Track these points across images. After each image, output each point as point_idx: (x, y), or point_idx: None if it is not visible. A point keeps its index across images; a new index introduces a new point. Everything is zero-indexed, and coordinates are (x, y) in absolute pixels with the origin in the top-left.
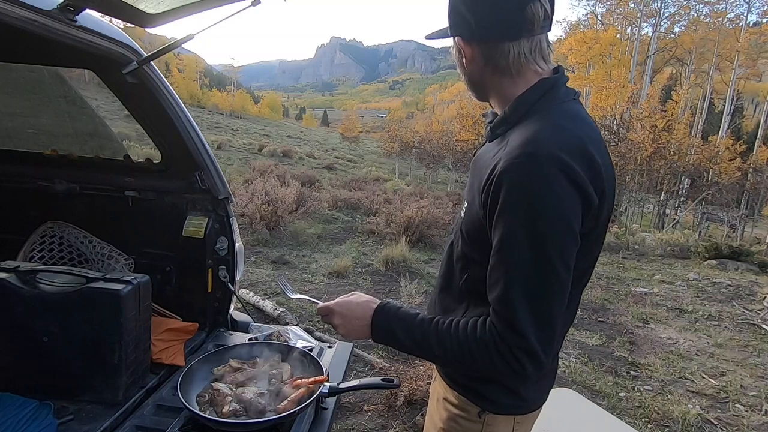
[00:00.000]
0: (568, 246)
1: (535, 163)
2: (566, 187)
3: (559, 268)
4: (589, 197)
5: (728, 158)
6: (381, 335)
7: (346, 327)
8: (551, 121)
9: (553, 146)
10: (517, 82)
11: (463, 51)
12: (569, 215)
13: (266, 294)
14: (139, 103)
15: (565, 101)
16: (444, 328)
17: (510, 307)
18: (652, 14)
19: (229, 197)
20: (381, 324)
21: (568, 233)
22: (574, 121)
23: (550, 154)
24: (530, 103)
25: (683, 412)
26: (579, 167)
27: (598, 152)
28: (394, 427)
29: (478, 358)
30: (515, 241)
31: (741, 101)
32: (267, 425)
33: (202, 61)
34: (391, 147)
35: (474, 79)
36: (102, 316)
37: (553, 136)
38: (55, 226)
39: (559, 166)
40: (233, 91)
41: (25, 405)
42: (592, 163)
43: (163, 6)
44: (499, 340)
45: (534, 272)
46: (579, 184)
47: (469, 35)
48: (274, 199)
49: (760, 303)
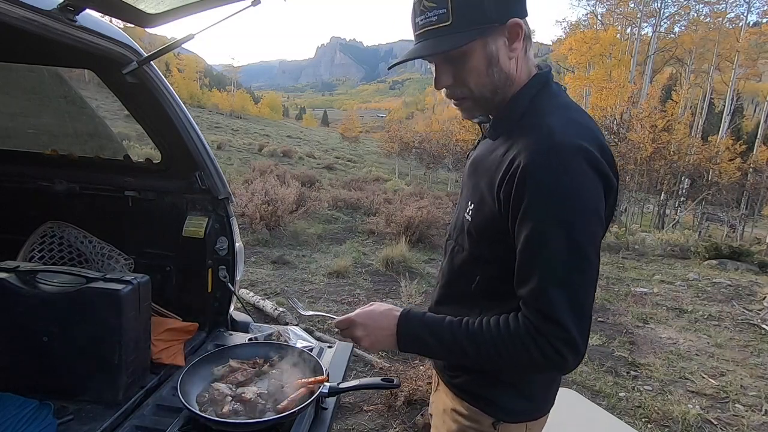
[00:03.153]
0: (597, 232)
1: (560, 153)
2: (591, 175)
3: (591, 255)
4: (610, 182)
5: (728, 158)
6: (408, 343)
7: (371, 338)
8: (559, 113)
9: (573, 136)
10: (530, 68)
11: (520, 36)
12: (597, 201)
13: (266, 294)
14: (139, 103)
15: (559, 95)
16: (476, 327)
17: (546, 298)
18: (652, 14)
19: (229, 197)
20: (407, 331)
21: (596, 219)
22: (578, 112)
23: (572, 144)
24: (528, 98)
25: (683, 412)
26: (599, 154)
27: (603, 137)
28: (394, 427)
29: (515, 353)
30: (547, 232)
31: (741, 101)
32: (267, 425)
33: (202, 61)
34: (391, 147)
35: (510, 75)
36: (102, 316)
37: (568, 126)
38: (55, 226)
39: (582, 154)
40: (233, 91)
41: (25, 405)
42: (606, 149)
43: (163, 6)
44: (536, 332)
45: (568, 261)
46: (601, 171)
47: (523, 12)
48: (274, 199)
49: (760, 303)
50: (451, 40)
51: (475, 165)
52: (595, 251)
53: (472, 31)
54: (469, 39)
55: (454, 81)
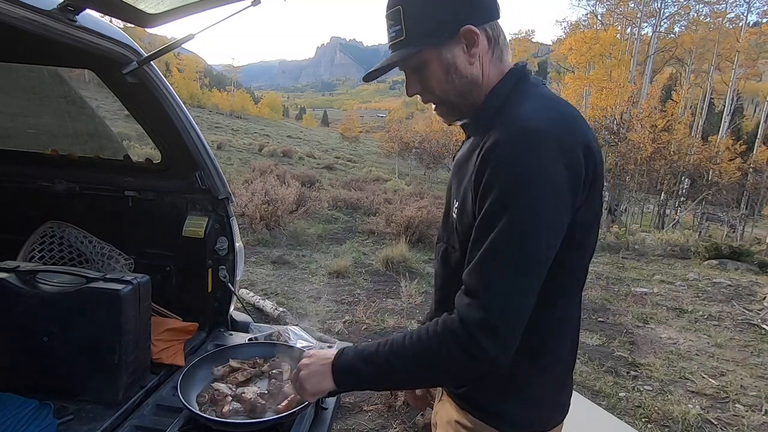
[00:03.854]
0: (555, 218)
1: (527, 135)
2: (559, 161)
3: (543, 239)
4: (580, 171)
5: (728, 158)
6: (343, 376)
7: (308, 373)
8: (534, 100)
9: (543, 120)
10: (501, 69)
11: (477, 42)
12: (560, 187)
13: (266, 294)
14: (139, 103)
15: (537, 86)
16: (399, 339)
17: (476, 275)
18: (652, 14)
19: (229, 197)
20: (341, 364)
21: (557, 206)
22: (556, 100)
23: (541, 128)
24: (504, 93)
25: (683, 412)
26: (570, 139)
27: (583, 128)
28: (394, 427)
29: (437, 355)
30: (499, 211)
31: (741, 101)
32: (267, 425)
33: (202, 61)
34: (391, 147)
35: (474, 79)
36: (102, 316)
37: (541, 111)
38: (55, 226)
39: (552, 139)
40: (233, 91)
41: (25, 405)
42: (581, 138)
43: (163, 6)
44: (458, 323)
45: (511, 242)
46: (572, 159)
47: (480, 19)
48: (274, 199)
49: (760, 303)
50: (403, 52)
51: (458, 164)
52: (549, 236)
53: (422, 43)
54: (418, 50)
55: (422, 88)
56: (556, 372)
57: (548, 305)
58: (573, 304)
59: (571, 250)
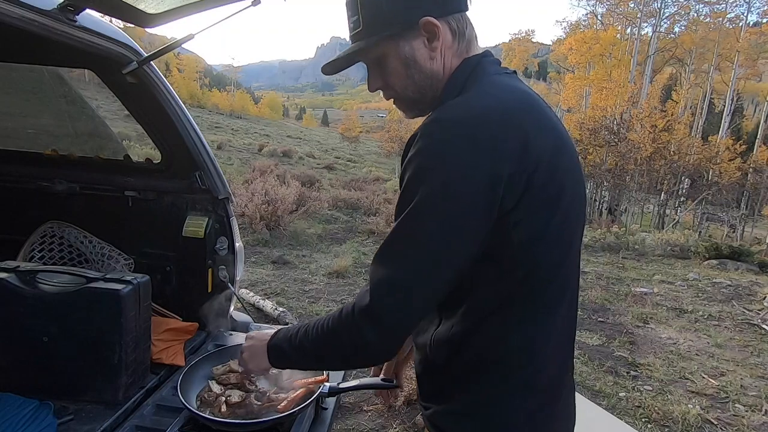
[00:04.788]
0: (456, 218)
1: (436, 127)
2: (472, 152)
3: (437, 237)
4: (502, 165)
5: (728, 158)
6: (273, 355)
7: (248, 353)
8: (476, 90)
9: (461, 111)
10: (455, 66)
11: (438, 35)
12: (468, 184)
13: (266, 294)
14: (139, 103)
15: (497, 74)
16: (312, 323)
17: (374, 264)
18: (652, 14)
19: (229, 197)
20: (273, 344)
21: (459, 203)
22: (502, 88)
23: (452, 118)
24: (462, 81)
25: (683, 412)
26: (492, 131)
27: (528, 118)
28: (394, 427)
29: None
30: (403, 204)
31: (741, 101)
32: (267, 425)
33: (202, 61)
34: (391, 147)
35: (434, 74)
36: (102, 316)
37: (465, 102)
38: (55, 226)
39: (465, 128)
40: (233, 91)
41: (25, 405)
42: (515, 129)
43: (163, 6)
44: (350, 306)
45: (403, 233)
46: (490, 149)
47: (441, 10)
48: (274, 199)
49: (760, 303)
50: (360, 44)
51: None
52: (444, 235)
53: (379, 34)
54: (374, 42)
55: (383, 83)
56: (526, 405)
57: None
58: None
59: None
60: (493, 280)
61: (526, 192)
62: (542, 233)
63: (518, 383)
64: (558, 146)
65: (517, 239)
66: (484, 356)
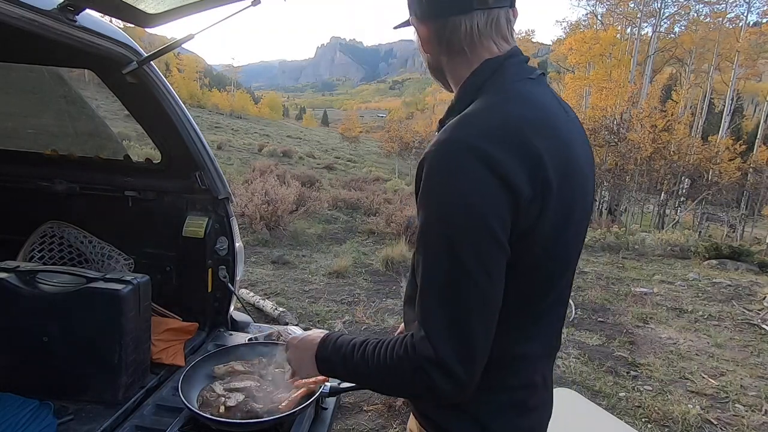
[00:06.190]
0: (485, 247)
1: (446, 150)
2: (483, 178)
3: (476, 273)
4: (517, 189)
5: (728, 158)
6: (323, 367)
7: (297, 361)
8: (488, 102)
9: (472, 131)
10: (472, 62)
11: (418, 31)
12: (485, 212)
13: (266, 294)
14: (139, 103)
15: (518, 80)
16: (370, 350)
17: (424, 311)
18: (652, 14)
19: (229, 197)
20: (322, 356)
21: (483, 232)
22: (516, 102)
23: (463, 140)
24: (476, 86)
25: (683, 412)
26: (503, 154)
27: (540, 136)
28: (394, 427)
29: (396, 376)
30: (428, 236)
31: (741, 101)
32: (267, 425)
33: (202, 61)
34: (391, 147)
35: (433, 65)
36: (102, 316)
37: (479, 119)
38: (55, 226)
39: (475, 153)
40: (233, 91)
41: (25, 405)
42: (526, 149)
43: (163, 6)
44: (413, 351)
45: (446, 274)
46: (501, 174)
47: (421, 12)
48: (274, 199)
49: (760, 303)
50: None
51: None
52: (482, 269)
53: (410, 8)
54: (407, 18)
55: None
56: (514, 403)
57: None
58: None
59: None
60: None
61: (543, 207)
62: (551, 252)
63: (506, 382)
64: (570, 162)
65: (528, 260)
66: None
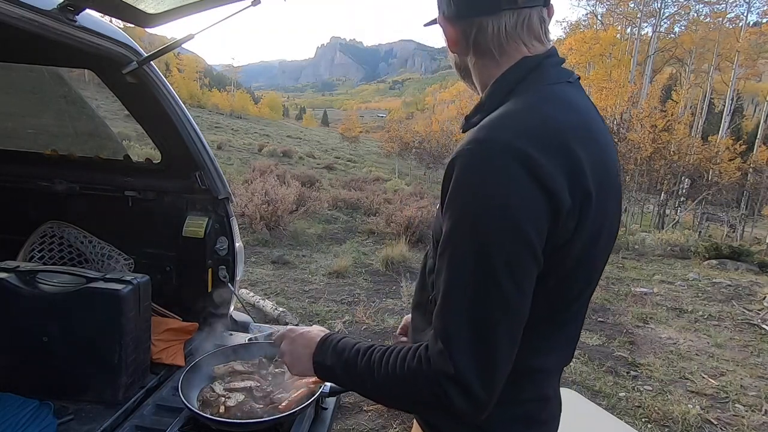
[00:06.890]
0: (518, 257)
1: (485, 150)
2: (522, 183)
3: (506, 284)
4: (557, 197)
5: (728, 158)
6: (321, 372)
7: (291, 356)
8: (526, 103)
9: (512, 132)
10: (501, 64)
11: (444, 31)
12: (522, 218)
13: (266, 294)
14: (139, 103)
15: (556, 83)
16: (377, 357)
17: (444, 322)
18: (652, 14)
19: (229, 197)
20: (320, 359)
21: (518, 240)
22: (556, 105)
23: (504, 141)
24: (510, 85)
25: (683, 412)
26: (544, 159)
27: (581, 142)
28: (394, 427)
29: (406, 389)
30: (456, 240)
31: (741, 101)
32: (267, 425)
33: (202, 61)
34: (391, 147)
35: (460, 65)
36: (102, 316)
37: (517, 120)
38: (55, 226)
39: (515, 155)
40: (233, 91)
41: (25, 405)
42: (567, 155)
43: (163, 6)
44: (428, 365)
45: (473, 284)
46: (542, 180)
47: (448, 12)
48: (274, 199)
49: (760, 303)
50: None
51: None
52: (512, 280)
53: (438, 5)
54: (436, 16)
55: None
56: (527, 415)
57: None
58: (540, 355)
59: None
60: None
61: (581, 219)
62: (583, 266)
63: (521, 395)
64: (608, 171)
65: (560, 273)
66: None
